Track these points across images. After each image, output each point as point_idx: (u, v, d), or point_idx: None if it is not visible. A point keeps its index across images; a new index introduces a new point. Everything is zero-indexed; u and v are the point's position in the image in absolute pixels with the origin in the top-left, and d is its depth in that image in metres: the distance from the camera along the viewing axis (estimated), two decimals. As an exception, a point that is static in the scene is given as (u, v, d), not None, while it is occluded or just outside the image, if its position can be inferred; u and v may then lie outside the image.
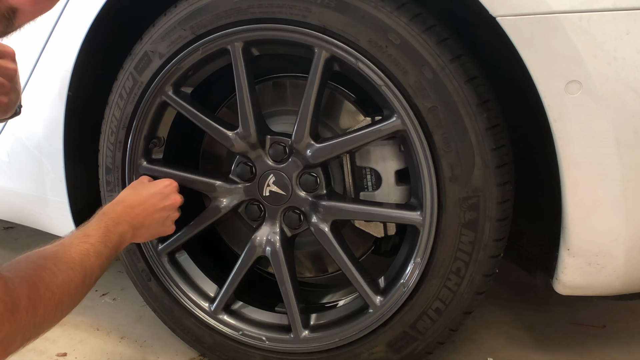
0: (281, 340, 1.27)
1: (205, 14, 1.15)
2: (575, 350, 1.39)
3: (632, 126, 0.93)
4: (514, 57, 0.95)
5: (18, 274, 0.83)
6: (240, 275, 1.29)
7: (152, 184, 1.21)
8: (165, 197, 1.19)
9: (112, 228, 1.05)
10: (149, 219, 1.15)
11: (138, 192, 1.17)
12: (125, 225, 1.09)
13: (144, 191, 1.18)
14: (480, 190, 1.04)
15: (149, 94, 1.25)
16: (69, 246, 0.95)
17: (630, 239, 0.99)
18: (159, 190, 1.19)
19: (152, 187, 1.19)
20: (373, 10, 1.03)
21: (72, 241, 0.97)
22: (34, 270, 0.86)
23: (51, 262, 0.89)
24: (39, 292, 0.83)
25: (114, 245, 1.03)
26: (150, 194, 1.17)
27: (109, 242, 1.02)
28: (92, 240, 0.98)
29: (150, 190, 1.18)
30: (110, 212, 1.09)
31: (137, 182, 1.23)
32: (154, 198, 1.17)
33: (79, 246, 0.95)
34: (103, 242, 1.00)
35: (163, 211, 1.18)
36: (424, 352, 1.18)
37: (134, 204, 1.13)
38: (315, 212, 1.21)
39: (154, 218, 1.17)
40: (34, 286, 0.83)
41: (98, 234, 1.01)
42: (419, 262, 1.11)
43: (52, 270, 0.87)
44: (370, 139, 1.13)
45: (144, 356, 1.44)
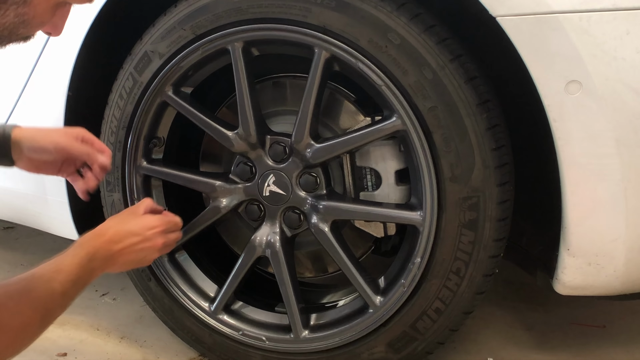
0: (281, 340, 1.27)
1: (205, 13, 1.15)
2: (575, 350, 1.39)
3: (632, 126, 0.93)
4: (514, 57, 0.95)
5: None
6: (240, 275, 1.29)
7: (139, 220, 1.11)
8: (147, 240, 1.10)
9: (86, 264, 0.98)
10: (124, 257, 1.08)
11: (122, 226, 1.08)
12: (100, 261, 1.02)
13: (128, 226, 1.09)
14: (480, 190, 1.04)
15: (149, 94, 1.25)
16: (37, 282, 0.89)
17: (630, 239, 0.99)
18: (143, 231, 1.09)
19: (138, 225, 1.10)
20: (373, 10, 1.03)
21: (42, 276, 0.90)
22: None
23: (14, 301, 0.84)
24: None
25: (83, 283, 0.98)
26: (132, 233, 1.08)
27: (79, 280, 0.96)
28: (62, 278, 0.92)
29: (134, 228, 1.09)
30: (87, 246, 1.01)
31: (128, 212, 1.14)
32: (135, 238, 1.08)
33: (47, 284, 0.89)
34: (73, 281, 0.94)
35: (141, 252, 1.10)
36: (424, 352, 1.18)
37: (114, 240, 1.05)
38: (315, 212, 1.21)
39: (129, 258, 1.09)
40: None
41: (70, 270, 0.94)
42: (419, 262, 1.11)
43: (11, 311, 0.83)
44: (370, 139, 1.13)
45: (144, 356, 1.44)
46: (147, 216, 1.13)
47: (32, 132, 1.13)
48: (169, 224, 1.15)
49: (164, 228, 1.13)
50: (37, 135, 1.13)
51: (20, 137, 1.12)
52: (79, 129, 1.16)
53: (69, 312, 1.63)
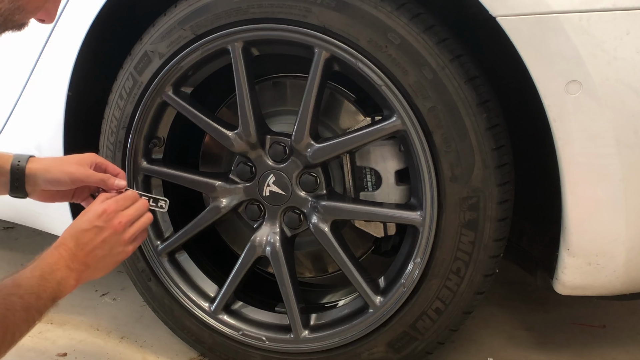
0: (281, 340, 1.27)
1: (205, 13, 1.15)
2: (575, 350, 1.39)
3: (632, 126, 0.93)
4: (514, 57, 0.95)
5: None
6: (240, 275, 1.29)
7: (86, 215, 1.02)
8: (103, 230, 1.00)
9: (48, 275, 0.92)
10: (90, 257, 0.99)
11: (75, 228, 1.00)
12: (64, 270, 0.95)
13: (77, 225, 1.00)
14: (480, 190, 1.04)
15: (149, 94, 1.25)
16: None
17: (630, 239, 0.99)
18: (92, 223, 1.00)
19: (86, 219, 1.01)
20: (373, 10, 1.03)
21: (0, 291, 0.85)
22: None
23: None
24: None
25: (49, 295, 0.91)
26: (83, 229, 0.99)
27: (43, 292, 0.90)
28: (21, 292, 0.87)
29: (83, 224, 1.00)
30: (47, 257, 0.95)
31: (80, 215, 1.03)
32: (89, 233, 0.99)
33: (4, 299, 0.84)
34: (35, 292, 0.88)
35: (104, 244, 1.00)
36: (424, 352, 1.18)
37: (72, 245, 0.97)
38: (315, 212, 1.21)
39: (96, 255, 1.00)
40: None
41: (30, 283, 0.89)
42: (419, 262, 1.11)
43: None
44: (370, 139, 1.13)
45: (144, 356, 1.44)
46: (92, 206, 1.03)
47: (46, 164, 1.11)
48: (121, 201, 1.04)
49: (114, 208, 1.02)
50: (52, 167, 1.11)
51: (34, 170, 1.10)
52: (90, 155, 1.14)
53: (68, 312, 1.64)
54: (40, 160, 1.13)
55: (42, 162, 1.12)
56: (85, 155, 1.14)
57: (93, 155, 1.15)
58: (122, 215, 1.03)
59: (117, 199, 1.05)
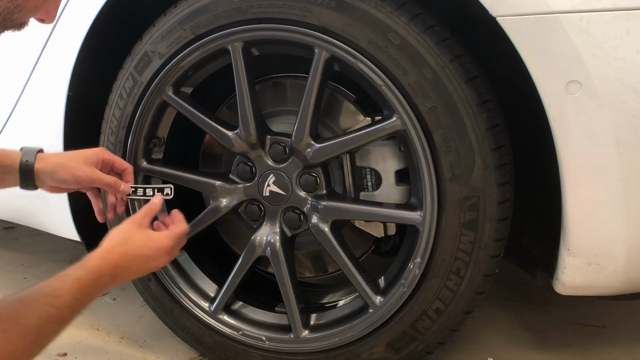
0: (281, 340, 1.27)
1: (205, 14, 1.15)
2: (575, 350, 1.39)
3: (632, 126, 0.93)
4: (514, 57, 0.95)
5: None
6: (240, 275, 1.29)
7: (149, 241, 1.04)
8: (154, 261, 1.05)
9: (87, 290, 0.91)
10: (127, 277, 1.03)
11: (131, 247, 1.02)
12: (102, 286, 0.97)
13: (136, 248, 1.03)
14: (480, 190, 1.04)
15: (149, 94, 1.25)
16: (29, 307, 0.82)
17: (630, 239, 0.99)
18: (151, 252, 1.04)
19: (147, 247, 1.04)
20: (373, 10, 1.03)
21: (38, 300, 0.84)
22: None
23: (1, 327, 0.78)
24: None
25: (82, 308, 0.92)
26: (141, 255, 1.03)
27: (79, 306, 0.90)
28: (59, 304, 0.86)
29: (143, 250, 1.03)
30: (93, 270, 0.94)
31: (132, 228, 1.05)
32: (141, 260, 1.03)
33: (41, 309, 0.83)
34: (71, 306, 0.87)
35: (145, 271, 1.07)
36: (424, 352, 1.18)
37: (120, 264, 0.99)
38: (315, 212, 1.21)
39: (131, 277, 1.05)
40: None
41: (69, 296, 0.87)
42: (419, 262, 1.11)
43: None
44: (370, 139, 1.13)
45: (144, 356, 1.44)
46: (156, 236, 1.06)
47: (53, 165, 1.13)
48: (178, 239, 1.09)
49: (173, 247, 1.07)
50: (59, 169, 1.13)
51: (42, 170, 1.13)
52: (97, 151, 1.16)
53: (69, 312, 1.63)
54: (48, 159, 1.14)
55: (49, 162, 1.13)
56: (92, 152, 1.16)
57: (100, 151, 1.17)
58: (166, 258, 1.07)
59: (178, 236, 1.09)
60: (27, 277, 1.84)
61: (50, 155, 1.15)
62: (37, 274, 1.85)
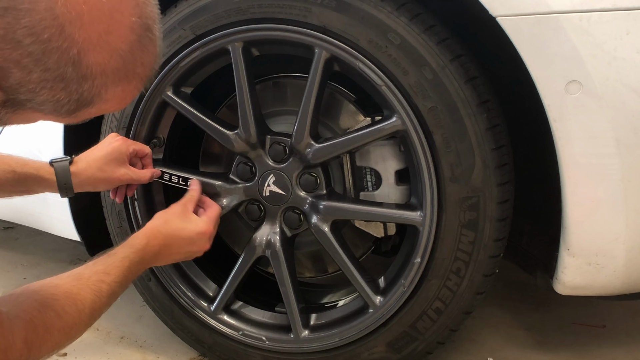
0: (281, 340, 1.27)
1: (205, 14, 1.15)
2: (575, 350, 1.39)
3: (632, 126, 0.93)
4: (514, 57, 0.95)
5: (20, 314, 0.79)
6: (240, 275, 1.29)
7: (191, 224, 1.13)
8: (196, 244, 1.13)
9: (134, 267, 1.01)
10: (170, 258, 1.13)
11: (175, 229, 1.11)
12: (147, 263, 1.06)
13: (180, 231, 1.11)
14: (480, 190, 1.04)
15: (148, 94, 1.25)
16: (85, 282, 0.90)
17: (630, 239, 0.99)
18: (194, 236, 1.12)
19: (190, 230, 1.12)
20: (373, 10, 1.03)
21: (90, 277, 0.92)
22: (39, 312, 0.82)
23: (60, 303, 0.84)
24: (38, 335, 0.80)
25: (128, 283, 1.00)
26: (183, 238, 1.11)
27: (126, 281, 0.98)
28: (110, 280, 0.94)
29: (186, 233, 1.11)
30: (139, 248, 1.03)
31: (177, 212, 1.14)
32: (184, 242, 1.11)
33: (94, 285, 0.91)
34: (120, 282, 0.96)
35: (187, 254, 1.15)
36: (424, 352, 1.18)
37: (166, 244, 1.08)
38: (315, 212, 1.21)
39: (175, 258, 1.15)
40: (34, 329, 0.80)
41: (119, 273, 0.96)
42: (419, 262, 1.11)
43: (58, 313, 0.83)
44: (370, 139, 1.13)
45: (144, 356, 1.44)
46: (198, 220, 1.15)
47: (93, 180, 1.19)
48: (216, 221, 1.19)
49: (212, 231, 1.15)
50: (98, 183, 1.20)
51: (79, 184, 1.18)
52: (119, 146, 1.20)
53: (69, 312, 1.63)
54: (82, 174, 1.18)
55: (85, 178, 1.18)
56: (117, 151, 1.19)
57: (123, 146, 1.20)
58: (208, 243, 1.15)
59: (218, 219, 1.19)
60: (27, 277, 1.83)
61: (83, 170, 1.18)
62: (37, 274, 1.85)
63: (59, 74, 0.67)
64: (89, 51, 0.67)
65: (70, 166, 1.17)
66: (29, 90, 0.67)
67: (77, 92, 0.69)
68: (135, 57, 0.72)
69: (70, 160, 1.18)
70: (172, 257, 1.13)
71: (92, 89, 0.70)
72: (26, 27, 0.62)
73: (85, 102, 0.71)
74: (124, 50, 0.70)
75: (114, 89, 0.72)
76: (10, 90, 0.67)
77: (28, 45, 0.64)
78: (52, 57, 0.65)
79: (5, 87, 0.67)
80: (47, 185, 1.17)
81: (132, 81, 0.74)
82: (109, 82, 0.71)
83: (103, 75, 0.69)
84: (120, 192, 1.27)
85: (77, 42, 0.65)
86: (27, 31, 0.63)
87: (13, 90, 0.67)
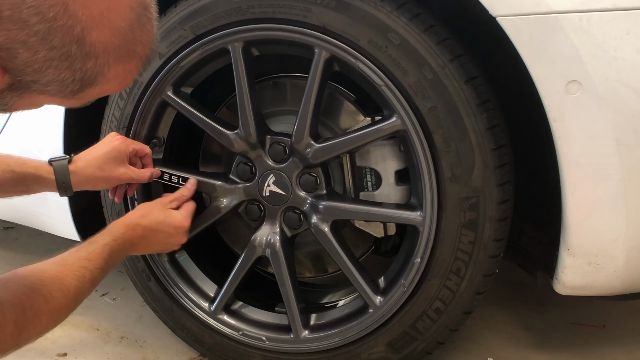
0: (281, 340, 1.27)
1: (205, 14, 1.15)
2: (575, 350, 1.39)
3: (632, 126, 0.93)
4: (514, 57, 0.95)
5: (10, 299, 0.82)
6: (240, 275, 1.29)
7: (167, 217, 1.18)
8: (171, 237, 1.18)
9: (114, 254, 1.05)
10: (148, 248, 1.19)
11: (151, 220, 1.15)
12: (125, 252, 1.11)
13: (157, 223, 1.16)
14: (480, 190, 1.04)
15: (148, 94, 1.25)
16: (69, 268, 0.94)
17: (630, 239, 0.99)
18: (168, 228, 1.17)
19: (164, 222, 1.17)
20: (373, 10, 1.03)
21: (74, 263, 0.96)
22: (27, 296, 0.85)
23: (47, 288, 0.88)
24: (27, 318, 0.83)
25: (108, 269, 1.04)
26: (161, 230, 1.16)
27: (106, 267, 1.02)
28: (92, 266, 0.98)
29: (161, 225, 1.16)
30: (118, 236, 1.08)
31: (157, 205, 1.19)
32: (162, 234, 1.17)
33: (78, 271, 0.95)
34: (101, 268, 1.00)
35: (165, 245, 1.20)
36: (424, 352, 1.18)
37: (143, 235, 1.13)
38: (315, 212, 1.21)
39: (152, 249, 1.21)
40: (23, 313, 0.82)
41: (100, 259, 1.00)
42: (418, 262, 1.11)
43: (45, 297, 0.87)
44: (370, 139, 1.13)
45: (144, 356, 1.44)
46: (176, 214, 1.19)
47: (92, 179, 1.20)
48: (192, 216, 1.23)
49: (189, 224, 1.20)
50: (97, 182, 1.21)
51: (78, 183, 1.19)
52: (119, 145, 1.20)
53: (68, 312, 1.63)
54: (81, 173, 1.19)
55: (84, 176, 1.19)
56: (116, 150, 1.20)
57: (123, 145, 1.21)
58: (185, 237, 1.21)
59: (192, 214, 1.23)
60: (27, 277, 1.83)
61: (82, 168, 1.19)
62: (37, 274, 1.85)
63: (64, 52, 0.68)
64: (91, 29, 0.68)
65: (69, 165, 1.18)
66: (35, 70, 0.69)
67: (81, 70, 0.71)
68: (135, 36, 0.74)
69: (69, 159, 1.19)
70: (150, 247, 1.18)
71: (95, 67, 0.72)
72: (32, 6, 0.64)
73: (89, 81, 0.73)
74: (124, 28, 0.72)
75: (115, 67, 0.74)
76: (17, 72, 0.69)
77: (34, 24, 0.65)
78: (57, 35, 0.67)
79: (12, 68, 0.68)
80: (46, 184, 1.18)
81: (133, 60, 0.76)
82: (111, 60, 0.73)
83: (105, 53, 0.71)
84: (119, 191, 1.28)
85: (81, 20, 0.67)
86: (33, 10, 0.64)
87: (19, 71, 0.69)
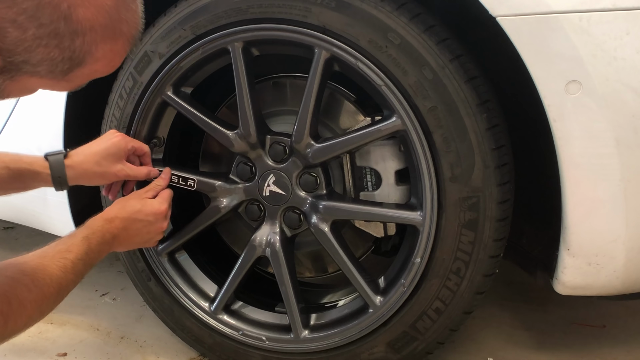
0: (281, 340, 1.27)
1: (205, 14, 1.15)
2: (575, 350, 1.39)
3: (632, 126, 0.93)
4: (514, 57, 0.95)
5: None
6: (240, 275, 1.29)
7: (143, 205, 1.17)
8: (151, 224, 1.17)
9: (95, 247, 1.04)
10: (129, 241, 1.17)
11: (128, 211, 1.15)
12: (108, 244, 1.10)
13: (135, 212, 1.16)
14: (480, 190, 1.04)
15: (149, 94, 1.25)
16: (49, 260, 0.94)
17: (630, 239, 0.99)
18: (147, 216, 1.17)
19: (142, 211, 1.16)
20: (373, 10, 1.03)
21: (54, 255, 0.96)
22: (10, 287, 0.85)
23: (29, 277, 0.88)
24: (12, 307, 0.84)
25: (91, 262, 1.04)
26: (140, 219, 1.16)
27: (88, 260, 1.02)
28: (72, 257, 0.97)
29: (139, 214, 1.16)
30: (97, 229, 1.08)
31: (133, 197, 1.20)
32: (141, 223, 1.16)
33: (59, 262, 0.95)
34: (83, 259, 1.00)
35: (147, 235, 1.18)
36: (424, 352, 1.18)
37: (122, 225, 1.13)
38: (315, 212, 1.21)
39: (135, 241, 1.18)
40: (8, 302, 0.83)
41: (80, 250, 1.00)
42: (418, 262, 1.11)
43: (28, 287, 0.87)
44: (370, 139, 1.13)
45: (144, 356, 1.44)
46: (152, 201, 1.19)
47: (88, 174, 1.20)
48: (169, 201, 1.22)
49: (166, 209, 1.19)
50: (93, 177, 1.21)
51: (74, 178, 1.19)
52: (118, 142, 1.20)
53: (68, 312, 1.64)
54: (77, 167, 1.19)
55: (81, 171, 1.19)
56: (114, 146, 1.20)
57: (122, 142, 1.21)
58: (165, 222, 1.20)
59: (169, 200, 1.22)
60: (27, 277, 1.83)
61: (79, 163, 1.19)
62: (37, 274, 1.85)
63: (52, 30, 0.71)
64: (78, 6, 0.71)
65: (66, 159, 1.18)
66: (26, 49, 0.71)
67: (69, 49, 0.74)
68: (120, 14, 0.76)
69: (65, 153, 1.19)
70: (134, 239, 1.17)
71: (83, 45, 0.74)
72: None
73: (78, 60, 0.75)
74: (109, 7, 0.75)
75: (103, 46, 0.77)
76: (8, 52, 0.71)
77: (22, 2, 0.68)
78: (45, 12, 0.69)
79: (2, 49, 0.70)
80: (41, 179, 1.18)
81: (119, 39, 0.79)
82: (98, 38, 0.75)
83: (92, 31, 0.74)
84: (114, 188, 1.27)
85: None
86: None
87: (10, 51, 0.71)
